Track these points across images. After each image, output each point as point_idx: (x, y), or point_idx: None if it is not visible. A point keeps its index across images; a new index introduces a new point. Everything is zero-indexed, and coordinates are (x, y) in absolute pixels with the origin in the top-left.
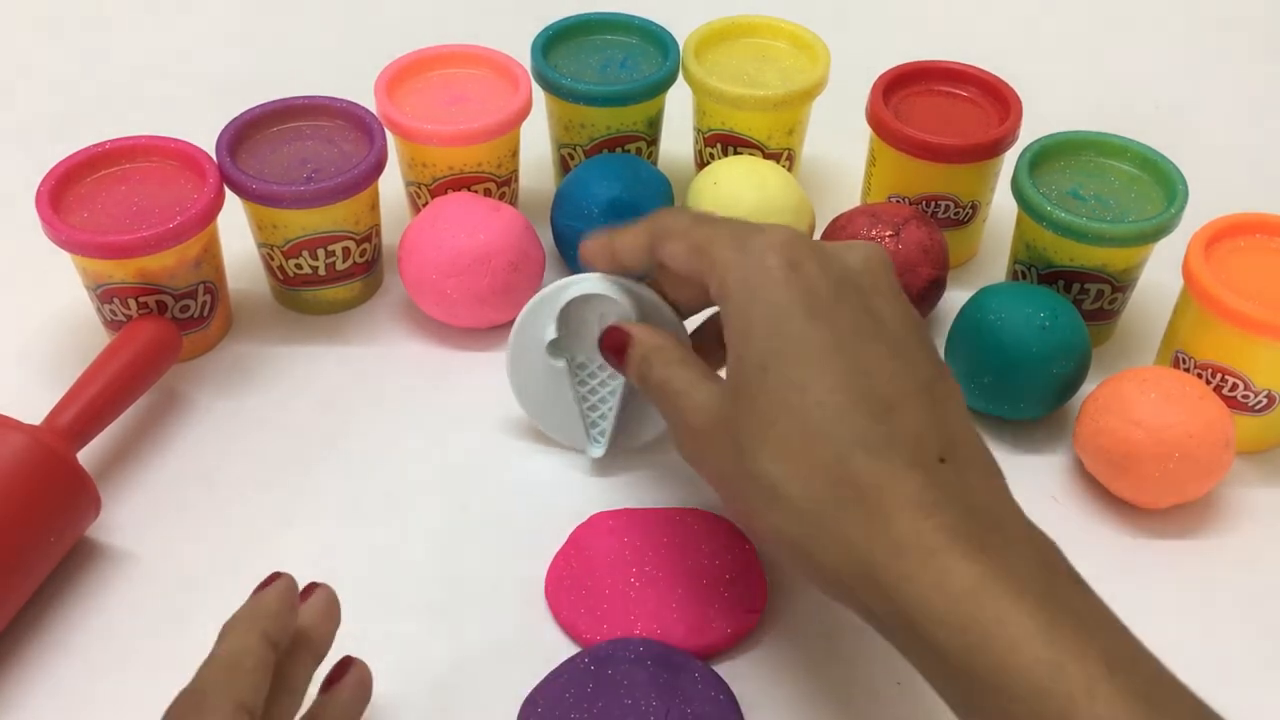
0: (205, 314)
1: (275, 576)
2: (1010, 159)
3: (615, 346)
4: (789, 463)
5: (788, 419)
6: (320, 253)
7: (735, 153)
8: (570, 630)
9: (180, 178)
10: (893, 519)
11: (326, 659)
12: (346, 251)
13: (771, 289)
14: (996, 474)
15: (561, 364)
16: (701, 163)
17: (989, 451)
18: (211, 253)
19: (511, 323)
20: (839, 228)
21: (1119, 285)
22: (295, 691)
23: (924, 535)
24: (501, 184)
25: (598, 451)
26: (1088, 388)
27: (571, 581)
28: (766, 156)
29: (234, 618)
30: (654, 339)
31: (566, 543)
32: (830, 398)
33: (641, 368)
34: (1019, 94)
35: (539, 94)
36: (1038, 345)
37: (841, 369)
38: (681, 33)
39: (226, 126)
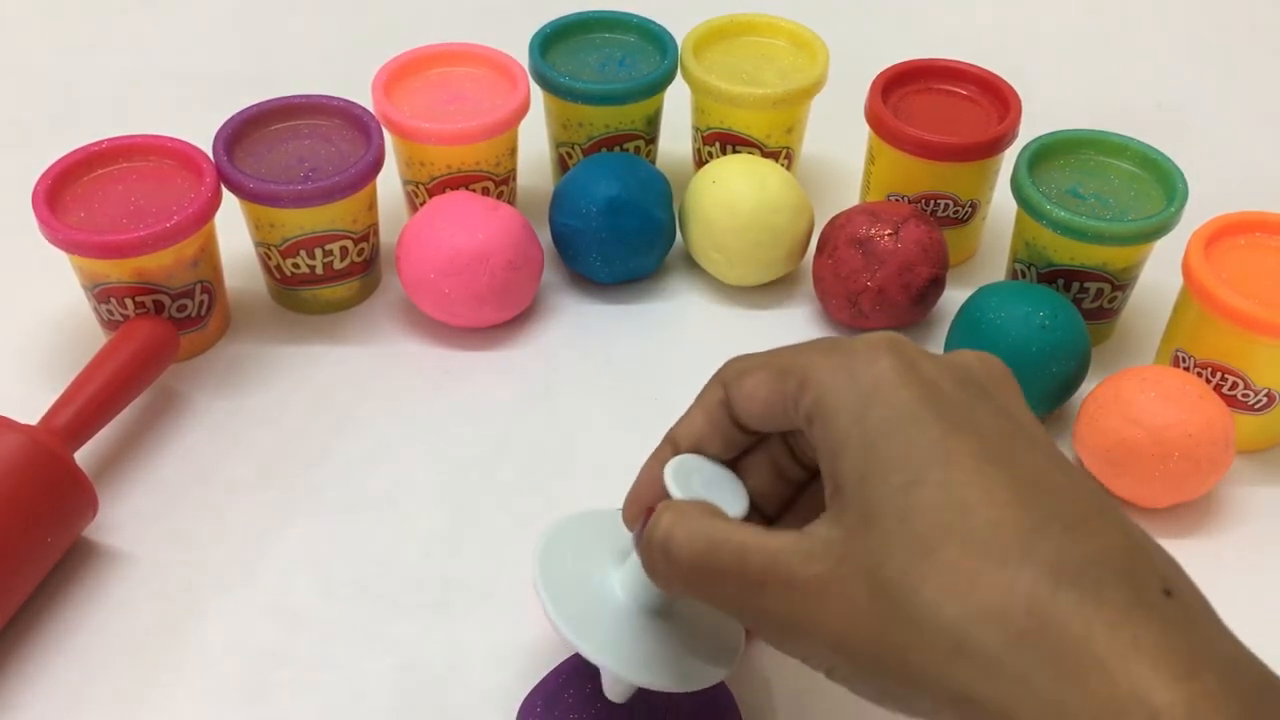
0: (203, 313)
1: None
2: (1010, 157)
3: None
4: (970, 600)
5: (957, 545)
6: (318, 252)
7: (734, 151)
8: None
9: (177, 177)
10: (1125, 678)
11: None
12: (344, 251)
13: (891, 392)
14: (1215, 612)
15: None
16: (700, 161)
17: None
18: (209, 252)
19: (510, 323)
20: (838, 226)
21: (1119, 284)
22: None
23: (1179, 709)
24: (499, 183)
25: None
26: (1087, 387)
27: None
28: (765, 155)
29: None
30: (681, 504)
31: None
32: (1005, 514)
33: (671, 538)
34: (1018, 92)
35: (537, 93)
36: (1037, 344)
37: (1005, 481)
38: (680, 31)
39: (224, 125)
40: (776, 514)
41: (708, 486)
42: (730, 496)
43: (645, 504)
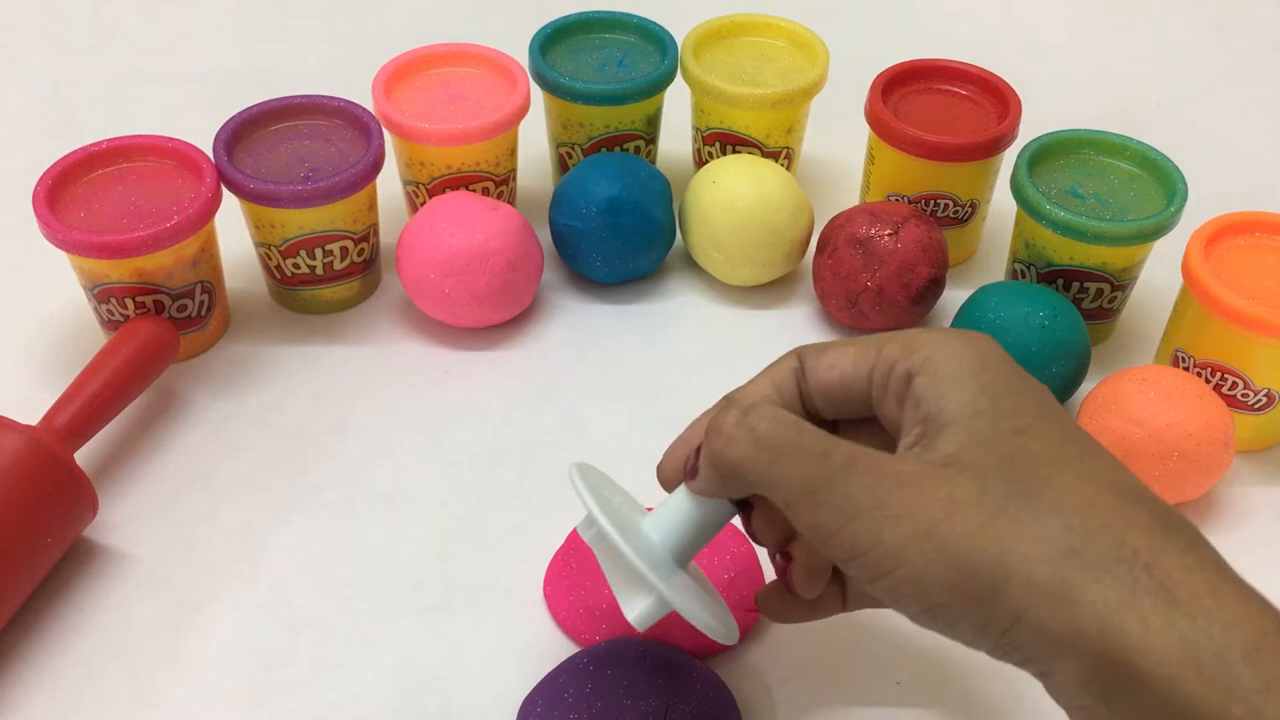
0: (203, 314)
1: None
2: (1009, 157)
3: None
4: (1088, 515)
5: (1069, 476)
6: (318, 252)
7: (734, 151)
8: (569, 630)
9: (177, 177)
10: (1220, 611)
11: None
12: (344, 251)
13: (1001, 363)
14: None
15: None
16: (700, 161)
17: None
18: (209, 252)
19: (510, 323)
20: (838, 226)
21: (1118, 284)
22: None
23: (1270, 637)
24: (499, 183)
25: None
26: (1087, 387)
27: (570, 581)
28: (765, 155)
29: None
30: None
31: (565, 543)
32: (1113, 467)
33: (755, 407)
34: (1018, 92)
35: (537, 93)
36: (1037, 344)
37: (1101, 453)
38: (680, 31)
39: (224, 126)
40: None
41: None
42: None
43: (689, 453)
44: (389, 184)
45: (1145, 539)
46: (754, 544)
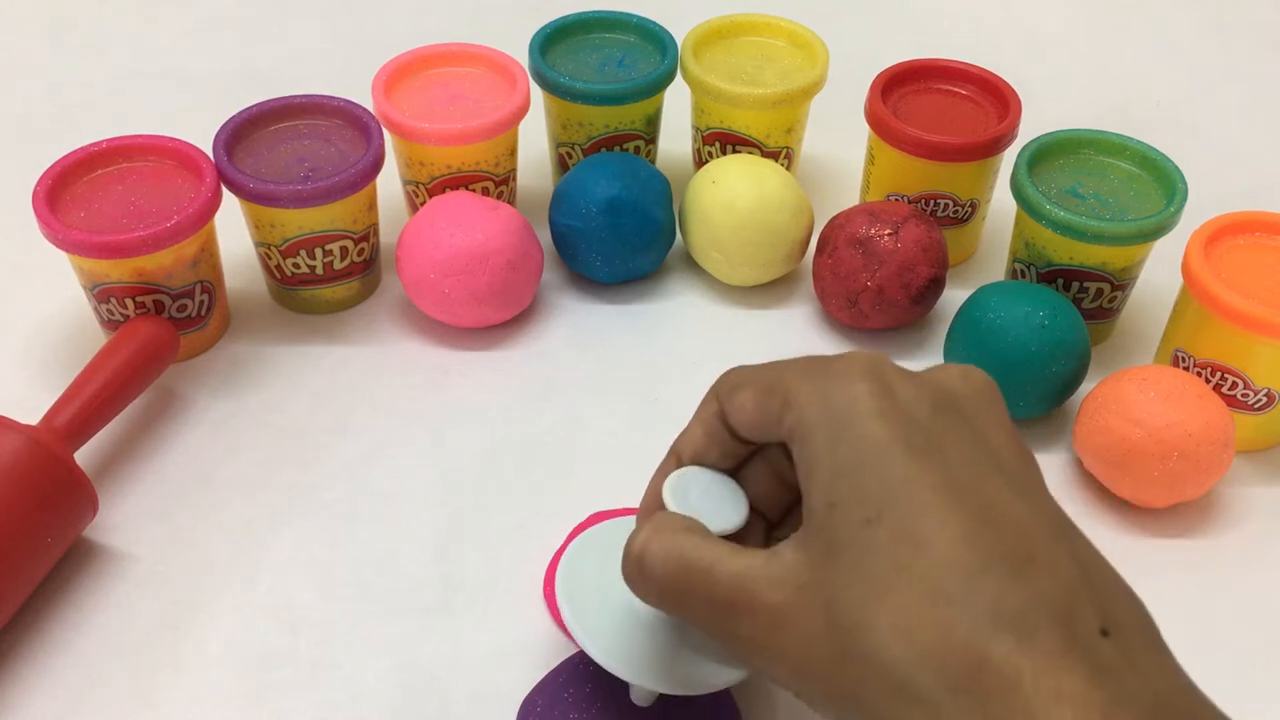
0: (203, 313)
1: None
2: (1009, 157)
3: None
4: (914, 641)
5: (907, 585)
6: (318, 252)
7: (734, 151)
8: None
9: (177, 177)
10: None
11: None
12: (344, 251)
13: (863, 421)
14: (1161, 643)
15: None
16: (700, 161)
17: (1142, 603)
18: (209, 252)
19: (509, 322)
20: (838, 226)
21: (1118, 284)
22: None
23: None
24: (499, 183)
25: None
26: (1087, 387)
27: None
28: (765, 155)
29: None
30: (657, 519)
31: (565, 542)
32: (955, 554)
33: (646, 552)
34: (1018, 92)
35: (537, 93)
36: (1037, 344)
37: (963, 517)
38: (680, 31)
39: (223, 125)
40: (779, 518)
41: (705, 498)
42: (728, 507)
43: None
44: (389, 184)
45: (963, 659)
46: None
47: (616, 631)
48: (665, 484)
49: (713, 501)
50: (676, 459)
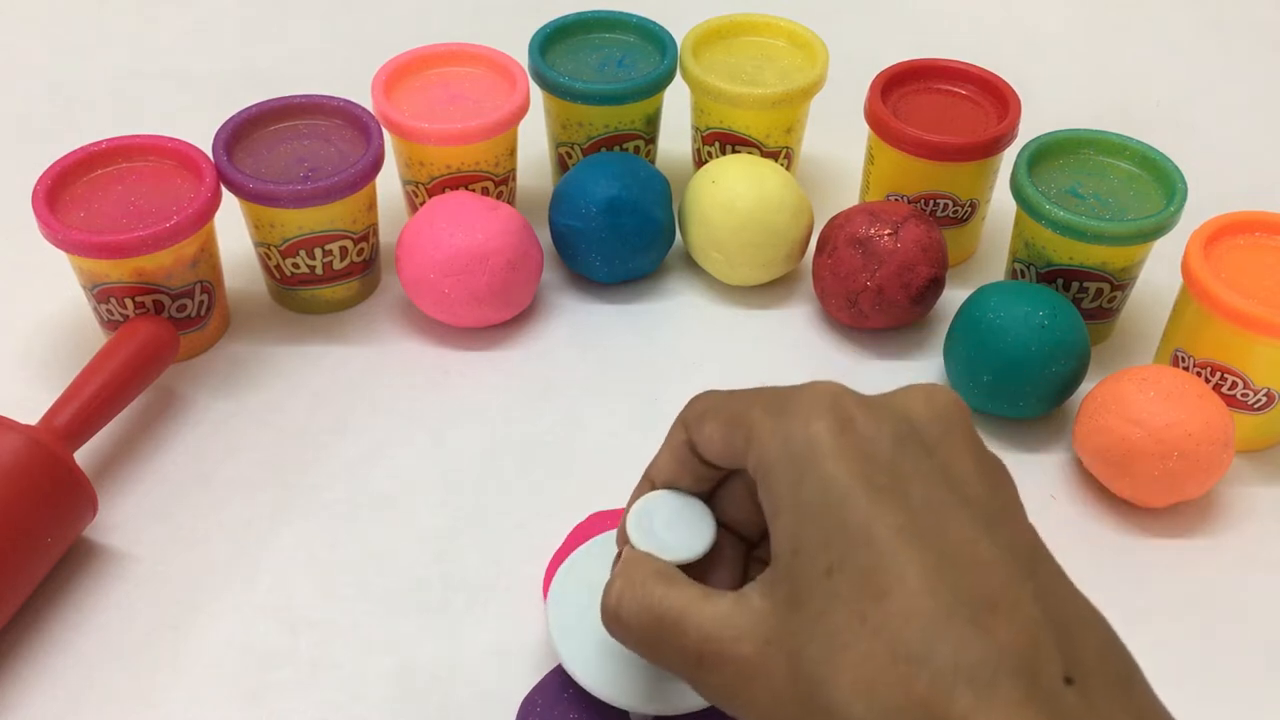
0: (202, 313)
1: None
2: (1009, 157)
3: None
4: (875, 700)
5: (868, 639)
6: (317, 252)
7: (733, 151)
8: None
9: (177, 177)
10: None
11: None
12: (344, 251)
13: (821, 462)
14: (1135, 677)
15: None
16: (700, 161)
17: (1115, 633)
18: (208, 252)
19: (509, 322)
20: (837, 226)
21: (1118, 284)
22: None
23: None
24: (499, 183)
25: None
26: (1087, 386)
27: None
28: (765, 155)
29: None
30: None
31: (565, 542)
32: (915, 604)
33: (620, 606)
34: (1018, 92)
35: (537, 93)
36: (1036, 344)
37: (924, 561)
38: (679, 31)
39: (223, 125)
40: (759, 539)
41: (669, 527)
42: (692, 535)
43: (623, 541)
44: (389, 184)
45: (923, 715)
46: None
47: (606, 656)
48: (629, 516)
49: (676, 530)
50: (650, 484)
